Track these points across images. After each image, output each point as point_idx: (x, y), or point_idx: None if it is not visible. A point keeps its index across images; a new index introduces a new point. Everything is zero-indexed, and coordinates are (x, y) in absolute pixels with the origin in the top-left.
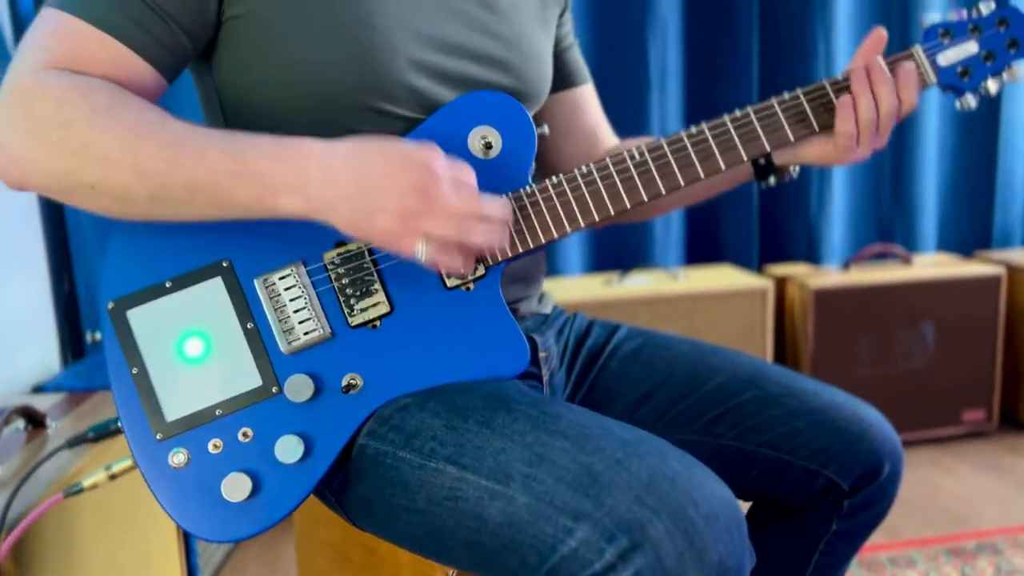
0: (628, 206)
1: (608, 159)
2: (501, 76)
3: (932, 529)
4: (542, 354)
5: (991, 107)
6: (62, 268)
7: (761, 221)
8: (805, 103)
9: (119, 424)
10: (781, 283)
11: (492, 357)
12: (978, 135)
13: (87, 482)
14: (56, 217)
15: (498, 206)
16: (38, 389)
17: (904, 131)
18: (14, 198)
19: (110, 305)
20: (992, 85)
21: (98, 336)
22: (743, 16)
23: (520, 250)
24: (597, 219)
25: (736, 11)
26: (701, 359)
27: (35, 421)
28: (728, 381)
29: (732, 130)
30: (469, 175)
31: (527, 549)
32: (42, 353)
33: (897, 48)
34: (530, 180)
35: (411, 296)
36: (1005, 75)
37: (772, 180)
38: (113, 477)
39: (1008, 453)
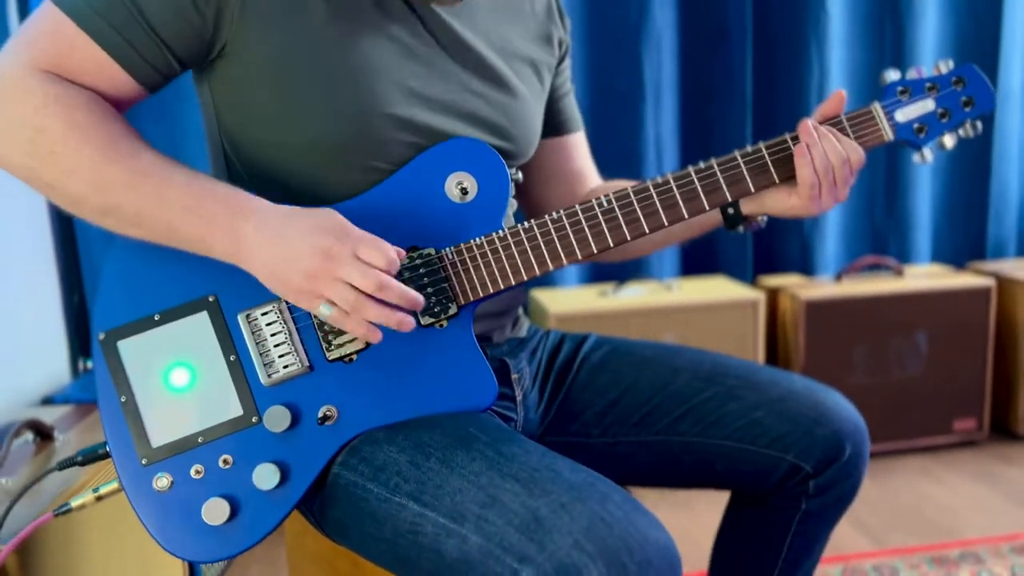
0: (595, 251)
1: (577, 206)
2: (490, 137)
3: (918, 538)
4: (514, 376)
5: (985, 119)
6: (72, 280)
7: (755, 233)
8: (766, 154)
9: (107, 448)
10: (774, 294)
11: (462, 392)
12: (972, 147)
13: (75, 503)
14: (66, 230)
15: (403, 292)
16: (47, 401)
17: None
18: (25, 211)
19: (101, 336)
20: (948, 140)
21: (90, 365)
22: (737, 31)
23: (491, 291)
24: (565, 262)
25: (730, 26)
26: (664, 362)
27: (43, 434)
28: (689, 381)
29: (696, 181)
30: (379, 256)
31: None
32: (52, 364)
33: (891, 63)
34: (503, 224)
35: (385, 332)
36: (960, 131)
37: (740, 229)
38: (100, 498)
39: (998, 462)
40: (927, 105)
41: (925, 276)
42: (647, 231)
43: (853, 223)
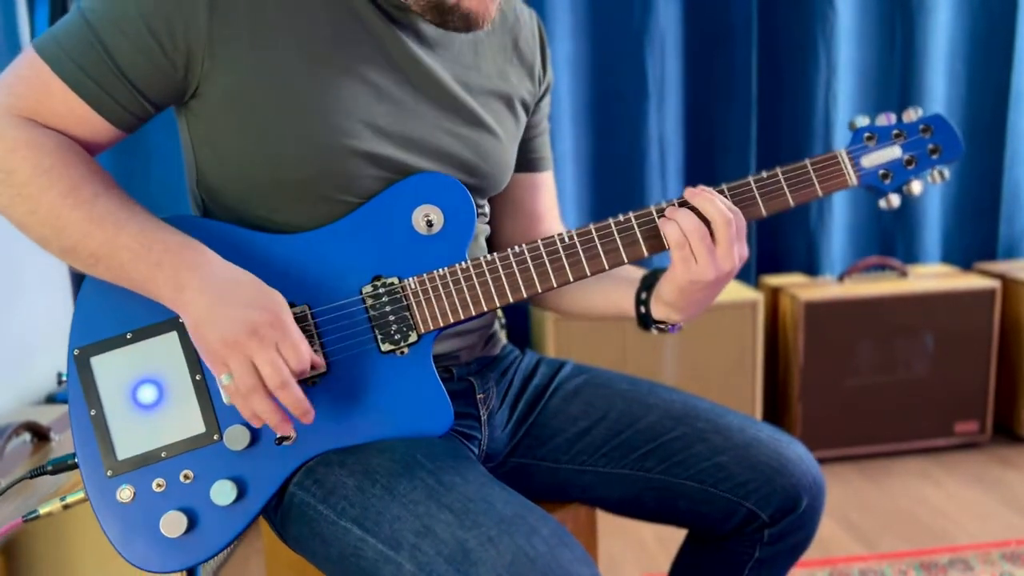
0: (555, 285)
1: (540, 241)
2: (460, 174)
3: (909, 542)
4: (480, 395)
5: (997, 117)
6: (82, 278)
7: (760, 231)
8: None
9: (76, 459)
10: (775, 294)
11: (418, 418)
12: (984, 146)
13: (43, 510)
14: None
15: (294, 397)
16: (51, 399)
17: None
18: None
19: (76, 352)
20: (916, 187)
21: (64, 379)
22: (742, 29)
23: (451, 320)
24: (524, 295)
25: (735, 24)
26: (637, 398)
27: (40, 435)
28: (660, 419)
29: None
30: (295, 358)
31: None
32: (58, 363)
33: (901, 60)
34: (466, 256)
35: (347, 358)
36: (928, 178)
37: (654, 330)
38: (67, 507)
39: (998, 465)
40: (893, 152)
41: (930, 277)
42: (606, 267)
43: (860, 222)
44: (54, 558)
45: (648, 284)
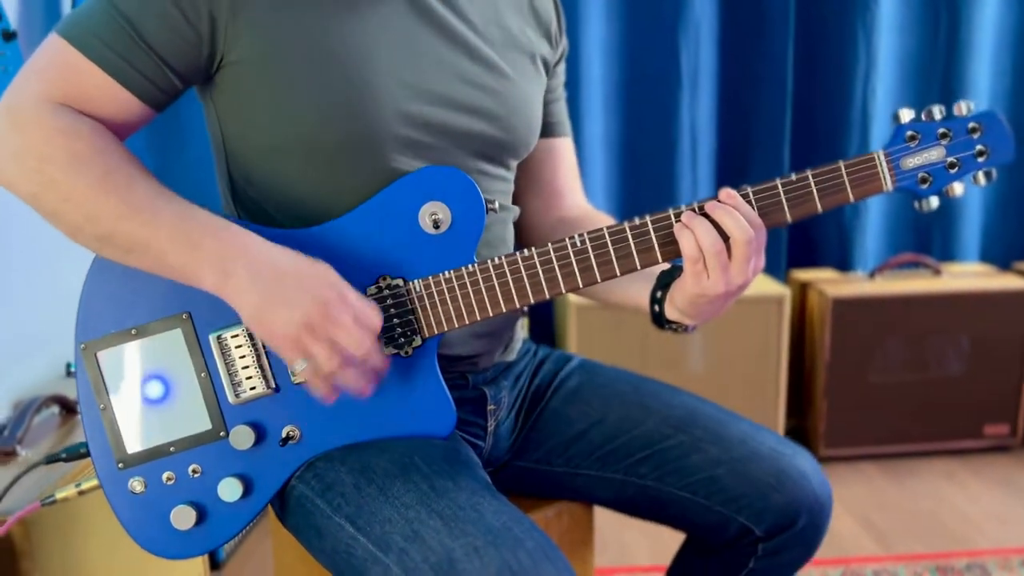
0: (563, 290)
1: (550, 244)
2: (487, 126)
3: (926, 544)
4: (491, 407)
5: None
6: None
7: (792, 225)
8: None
9: (88, 448)
10: (804, 289)
11: (420, 420)
12: None
13: (59, 495)
14: None
15: (379, 359)
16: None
17: None
18: None
19: (82, 346)
20: (957, 188)
21: (73, 369)
22: (779, 17)
23: (456, 326)
24: (532, 300)
25: (772, 12)
26: (637, 400)
27: (68, 407)
28: (657, 426)
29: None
30: (374, 319)
31: None
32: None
33: (944, 51)
34: (475, 256)
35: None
36: (972, 180)
37: (668, 330)
38: (82, 493)
39: None
40: (936, 154)
41: (964, 276)
42: (618, 274)
43: (896, 217)
44: (66, 538)
45: (665, 282)
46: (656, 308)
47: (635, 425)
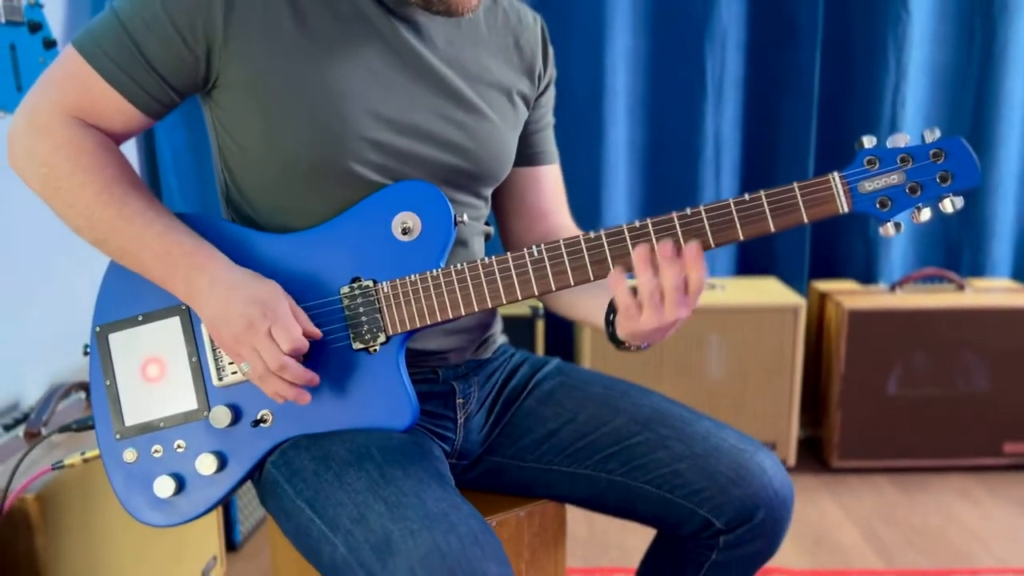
0: (520, 297)
1: (509, 254)
2: (454, 158)
3: (931, 560)
4: (459, 400)
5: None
6: None
7: (816, 236)
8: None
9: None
10: (823, 299)
11: (382, 413)
12: None
13: (67, 461)
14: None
15: (299, 373)
16: None
17: (979, 147)
18: None
19: (97, 328)
20: (925, 214)
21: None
22: (807, 27)
23: (419, 325)
24: (489, 305)
25: (800, 22)
26: (608, 402)
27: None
28: (625, 423)
29: (627, 238)
30: (285, 339)
31: None
32: None
33: (979, 65)
34: (442, 263)
35: (323, 351)
36: (940, 206)
37: (625, 349)
38: (86, 461)
39: None
40: (896, 178)
41: (989, 292)
42: (572, 283)
43: (924, 231)
44: (80, 514)
45: (615, 307)
46: (610, 328)
47: (604, 423)
